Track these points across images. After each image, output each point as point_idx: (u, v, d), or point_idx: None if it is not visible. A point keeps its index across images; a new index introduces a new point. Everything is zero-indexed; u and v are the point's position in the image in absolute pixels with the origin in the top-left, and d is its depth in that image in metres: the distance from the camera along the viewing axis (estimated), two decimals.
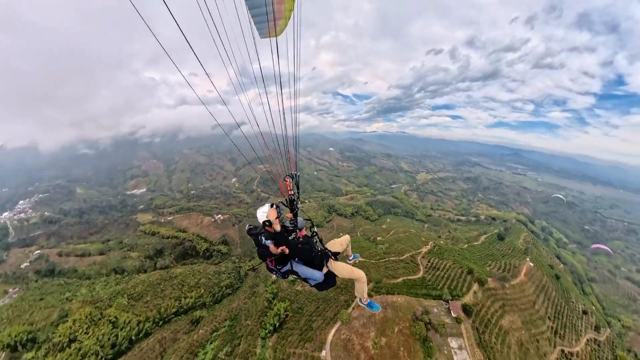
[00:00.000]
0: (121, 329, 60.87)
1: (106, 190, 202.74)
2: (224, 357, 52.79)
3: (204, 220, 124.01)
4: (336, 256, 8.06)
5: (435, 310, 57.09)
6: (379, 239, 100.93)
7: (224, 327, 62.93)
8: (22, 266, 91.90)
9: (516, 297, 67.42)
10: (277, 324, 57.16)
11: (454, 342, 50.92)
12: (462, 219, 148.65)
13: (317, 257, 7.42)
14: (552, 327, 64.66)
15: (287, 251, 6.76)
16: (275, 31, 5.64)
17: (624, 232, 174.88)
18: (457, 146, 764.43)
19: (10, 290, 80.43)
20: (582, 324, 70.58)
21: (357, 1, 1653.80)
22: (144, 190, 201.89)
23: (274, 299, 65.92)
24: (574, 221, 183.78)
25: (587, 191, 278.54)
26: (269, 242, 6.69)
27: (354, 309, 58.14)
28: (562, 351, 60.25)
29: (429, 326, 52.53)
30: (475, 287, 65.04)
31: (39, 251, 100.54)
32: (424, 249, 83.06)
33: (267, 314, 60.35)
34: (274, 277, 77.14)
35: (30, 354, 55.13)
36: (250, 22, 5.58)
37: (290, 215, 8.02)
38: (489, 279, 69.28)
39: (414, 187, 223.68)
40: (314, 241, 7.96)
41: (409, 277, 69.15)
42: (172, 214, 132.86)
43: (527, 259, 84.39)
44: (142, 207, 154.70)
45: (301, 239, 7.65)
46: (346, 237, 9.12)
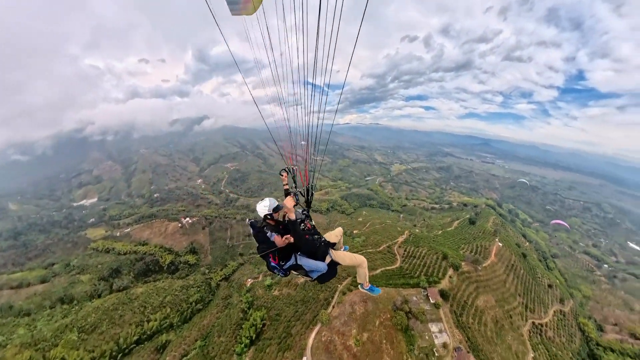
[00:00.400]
0: None
1: (47, 203, 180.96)
2: None
3: (168, 227, 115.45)
4: (333, 247, 8.23)
5: (414, 298, 58.18)
6: (355, 232, 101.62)
7: (195, 348, 58.58)
8: None
9: (488, 278, 71.21)
10: (254, 336, 54.54)
11: (434, 327, 52.26)
12: (436, 207, 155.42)
13: (321, 248, 7.48)
14: (522, 303, 69.31)
15: (292, 240, 6.75)
16: (251, 6, 4.69)
17: (580, 210, 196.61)
18: (430, 137, 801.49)
19: None
20: (548, 298, 76.71)
21: None
22: (95, 199, 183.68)
23: (249, 308, 62.91)
24: (537, 203, 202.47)
25: (549, 176, 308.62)
26: (274, 234, 6.75)
27: (334, 307, 57.35)
28: (533, 323, 64.86)
29: (410, 315, 53.41)
30: (450, 272, 67.47)
31: None
32: (400, 239, 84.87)
33: (243, 327, 57.32)
34: (249, 284, 74.80)
35: None
36: None
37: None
38: (463, 263, 72.40)
39: (389, 179, 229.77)
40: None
41: (387, 268, 70.05)
42: (131, 224, 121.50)
43: (497, 240, 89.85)
44: (92, 220, 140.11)
45: (311, 230, 7.73)
46: (339, 229, 9.32)
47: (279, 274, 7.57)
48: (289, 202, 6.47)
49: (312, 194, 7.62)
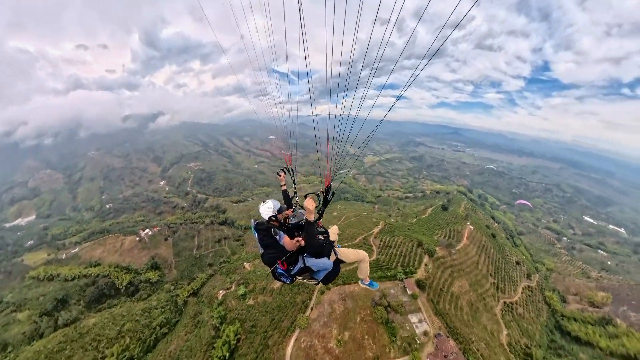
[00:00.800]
0: None
1: None
2: None
3: (124, 242, 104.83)
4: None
5: (392, 291, 58.61)
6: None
7: None
8: None
9: (462, 262, 74.24)
10: (228, 355, 50.98)
11: (414, 318, 53.07)
12: (410, 196, 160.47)
13: (327, 247, 7.47)
14: (494, 283, 73.26)
15: (303, 243, 6.64)
16: None
17: (542, 191, 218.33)
18: (402, 127, 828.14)
19: None
20: (517, 274, 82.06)
21: None
22: (33, 217, 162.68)
23: (221, 323, 58.93)
24: (504, 187, 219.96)
25: (514, 162, 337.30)
26: (282, 234, 6.72)
27: (312, 309, 55.89)
28: (505, 302, 68.82)
29: (389, 308, 53.73)
30: (426, 259, 69.15)
31: None
32: (376, 230, 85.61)
33: (215, 346, 53.38)
34: (221, 296, 70.30)
35: None
36: None
37: (290, 211, 7.73)
38: (437, 248, 74.73)
39: (362, 171, 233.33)
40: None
41: None
42: (79, 243, 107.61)
43: (468, 224, 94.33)
44: (31, 242, 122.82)
45: (321, 229, 7.74)
46: (335, 228, 9.33)
47: (285, 281, 7.43)
48: (311, 203, 6.07)
49: (333, 194, 7.19)
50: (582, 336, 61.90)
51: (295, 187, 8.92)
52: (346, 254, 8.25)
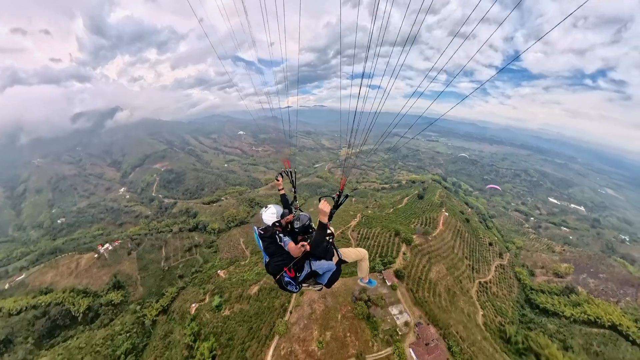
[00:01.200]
0: None
1: None
2: None
3: (80, 261, 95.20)
4: None
5: None
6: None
7: None
8: None
9: (439, 247, 77.33)
10: None
11: (394, 309, 54.30)
12: (386, 186, 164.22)
13: (330, 249, 7.47)
14: (469, 265, 77.28)
15: (308, 248, 6.62)
16: None
17: (512, 176, 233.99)
18: (378, 117, 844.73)
19: None
20: (490, 255, 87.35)
21: None
22: None
23: (195, 341, 56.14)
24: (476, 174, 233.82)
25: (485, 150, 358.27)
26: (287, 240, 6.66)
27: (291, 312, 55.13)
28: (480, 283, 72.91)
29: (369, 303, 54.51)
30: (403, 247, 71.08)
31: None
32: (353, 222, 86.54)
33: None
34: (194, 311, 66.64)
35: None
36: None
37: (291, 216, 7.68)
38: (414, 236, 77.14)
39: (338, 164, 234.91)
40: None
41: None
42: (25, 268, 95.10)
43: (443, 210, 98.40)
44: None
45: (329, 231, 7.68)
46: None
47: (292, 290, 7.31)
48: (326, 205, 6.08)
49: (346, 196, 7.25)
50: (549, 307, 67.39)
51: (295, 191, 9.04)
52: (348, 253, 8.35)
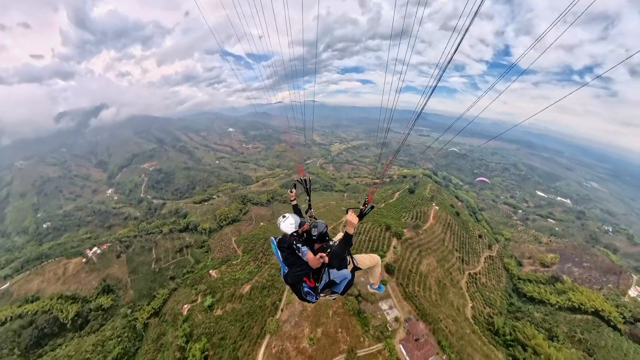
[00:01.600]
0: None
1: None
2: None
3: (68, 266, 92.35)
4: None
5: (362, 279, 59.79)
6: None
7: None
8: None
9: (429, 240, 78.41)
10: None
11: (384, 305, 54.95)
12: (378, 181, 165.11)
13: (346, 257, 7.53)
14: (459, 257, 78.63)
15: (327, 259, 6.48)
16: None
17: (501, 170, 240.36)
18: (368, 112, 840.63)
19: None
20: (479, 247, 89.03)
21: None
22: None
23: (187, 342, 55.54)
24: (467, 168, 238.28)
25: (475, 144, 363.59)
26: (305, 250, 6.69)
27: (282, 310, 55.26)
28: (469, 274, 74.33)
29: (360, 298, 55.00)
30: (394, 241, 71.78)
31: None
32: (344, 218, 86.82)
33: None
34: (186, 312, 66.05)
35: None
36: None
37: (307, 226, 7.58)
38: (405, 230, 77.98)
39: (329, 159, 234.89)
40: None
41: None
42: (10, 276, 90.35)
43: (434, 204, 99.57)
44: None
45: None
46: (340, 235, 9.30)
47: (311, 300, 7.19)
48: (354, 217, 6.15)
49: (372, 207, 7.10)
50: (535, 296, 69.41)
51: (309, 199, 9.02)
52: (362, 260, 8.34)
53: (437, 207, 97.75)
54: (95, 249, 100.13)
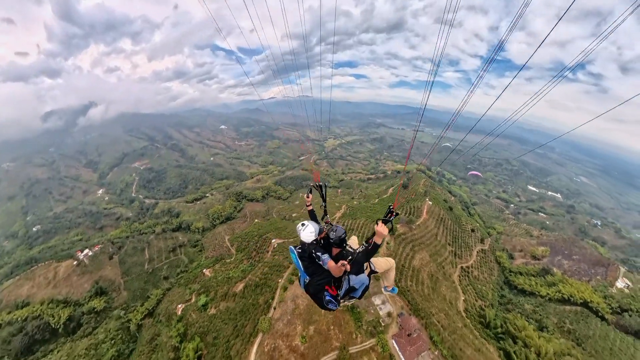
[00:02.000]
0: None
1: None
2: None
3: (59, 270, 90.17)
4: None
5: None
6: (294, 215, 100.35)
7: None
8: None
9: (422, 235, 78.89)
10: None
11: (377, 300, 55.09)
12: (372, 177, 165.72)
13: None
14: (452, 251, 79.33)
15: (349, 268, 6.36)
16: None
17: (494, 165, 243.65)
18: (362, 108, 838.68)
19: None
20: (472, 241, 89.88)
21: None
22: None
23: (181, 342, 55.10)
24: (460, 163, 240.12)
25: (469, 139, 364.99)
26: (325, 258, 6.55)
27: (275, 308, 55.13)
28: (462, 268, 75.09)
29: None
30: (387, 237, 72.07)
31: None
32: (338, 214, 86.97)
33: None
34: (180, 311, 65.30)
35: None
36: None
37: (325, 232, 7.50)
38: (398, 225, 78.28)
39: (323, 156, 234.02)
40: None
41: None
42: None
43: (427, 199, 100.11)
44: None
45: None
46: (354, 238, 9.54)
47: (332, 308, 7.25)
48: (385, 229, 6.26)
49: (396, 214, 7.09)
50: (526, 288, 70.50)
51: (325, 205, 9.18)
52: (379, 264, 8.29)
53: (431, 202, 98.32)
54: (86, 251, 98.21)
